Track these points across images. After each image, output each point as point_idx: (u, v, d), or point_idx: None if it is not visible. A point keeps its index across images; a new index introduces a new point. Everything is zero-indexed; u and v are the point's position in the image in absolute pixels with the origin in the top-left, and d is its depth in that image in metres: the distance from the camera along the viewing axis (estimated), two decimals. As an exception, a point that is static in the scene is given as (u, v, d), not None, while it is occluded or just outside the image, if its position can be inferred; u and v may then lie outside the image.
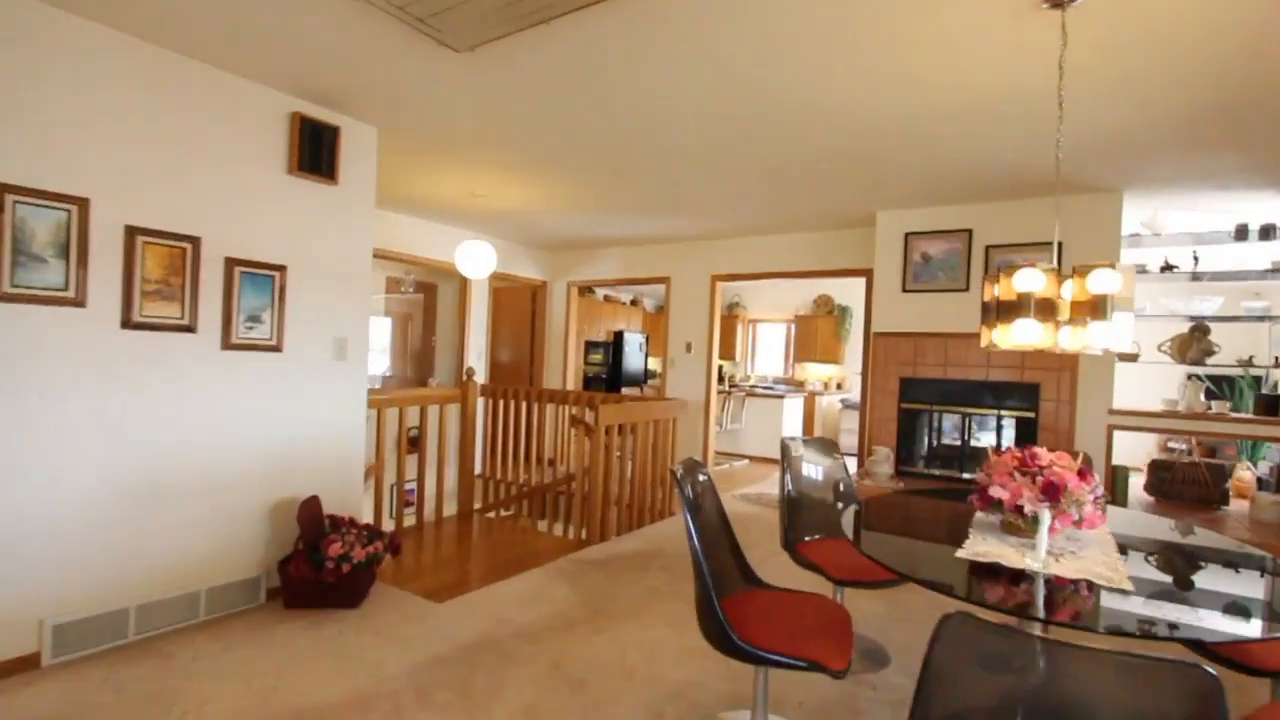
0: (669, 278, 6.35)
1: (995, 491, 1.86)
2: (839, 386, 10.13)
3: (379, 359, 8.95)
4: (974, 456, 4.45)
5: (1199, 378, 4.25)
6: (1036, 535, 1.75)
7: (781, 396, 7.80)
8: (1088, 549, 1.81)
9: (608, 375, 10.11)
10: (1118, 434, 4.00)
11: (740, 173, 3.97)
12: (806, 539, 2.85)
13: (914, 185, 4.09)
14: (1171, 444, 5.54)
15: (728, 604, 2.03)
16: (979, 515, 2.17)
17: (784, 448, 2.95)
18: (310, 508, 2.95)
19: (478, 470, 6.33)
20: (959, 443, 4.50)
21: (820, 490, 3.01)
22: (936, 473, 4.52)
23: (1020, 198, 4.19)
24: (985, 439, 4.42)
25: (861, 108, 2.92)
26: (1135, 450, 5.32)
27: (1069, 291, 1.97)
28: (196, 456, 2.74)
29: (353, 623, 2.80)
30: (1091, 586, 1.56)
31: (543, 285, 7.16)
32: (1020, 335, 2.03)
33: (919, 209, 4.58)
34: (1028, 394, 4.21)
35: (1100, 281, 1.87)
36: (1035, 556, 1.70)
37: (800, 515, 2.88)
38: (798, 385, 10.60)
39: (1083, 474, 1.80)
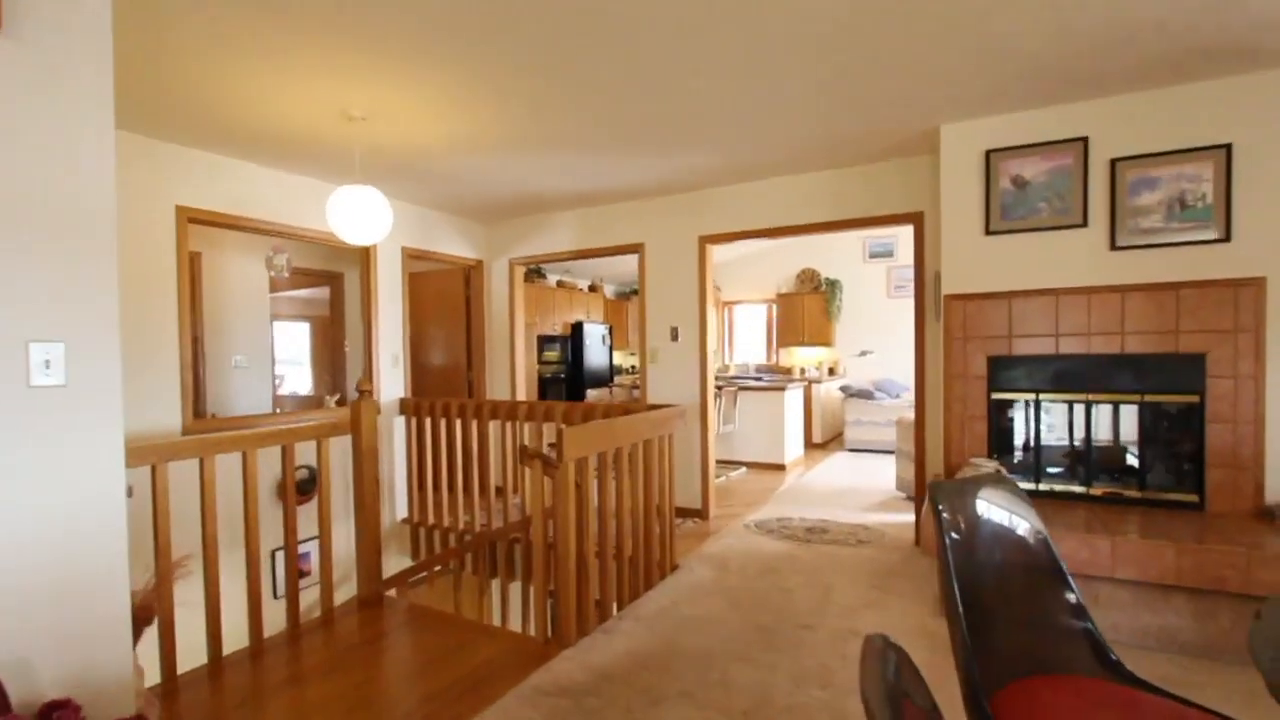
0: (642, 245, 4.86)
1: None
2: (831, 372, 8.86)
3: (297, 375, 7.16)
4: (1106, 461, 3.13)
5: None
6: None
7: (782, 389, 6.42)
8: None
9: (567, 375, 8.57)
10: (1328, 420, 2.73)
11: (736, 67, 2.53)
12: (1009, 680, 1.43)
13: (1000, 75, 2.72)
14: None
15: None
16: None
17: (935, 500, 1.52)
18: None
19: (401, 515, 4.73)
20: (1077, 442, 3.17)
21: (1015, 577, 1.59)
22: (1051, 488, 3.18)
23: (1167, 83, 2.87)
24: (1118, 435, 3.11)
25: None
26: None
27: None
28: None
29: None
30: None
31: (478, 266, 5.57)
32: None
33: (1005, 114, 3.21)
34: (1185, 369, 2.90)
35: None
36: None
37: (993, 635, 1.44)
38: (784, 373, 9.29)
39: None
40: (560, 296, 8.62)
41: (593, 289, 9.62)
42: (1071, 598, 1.55)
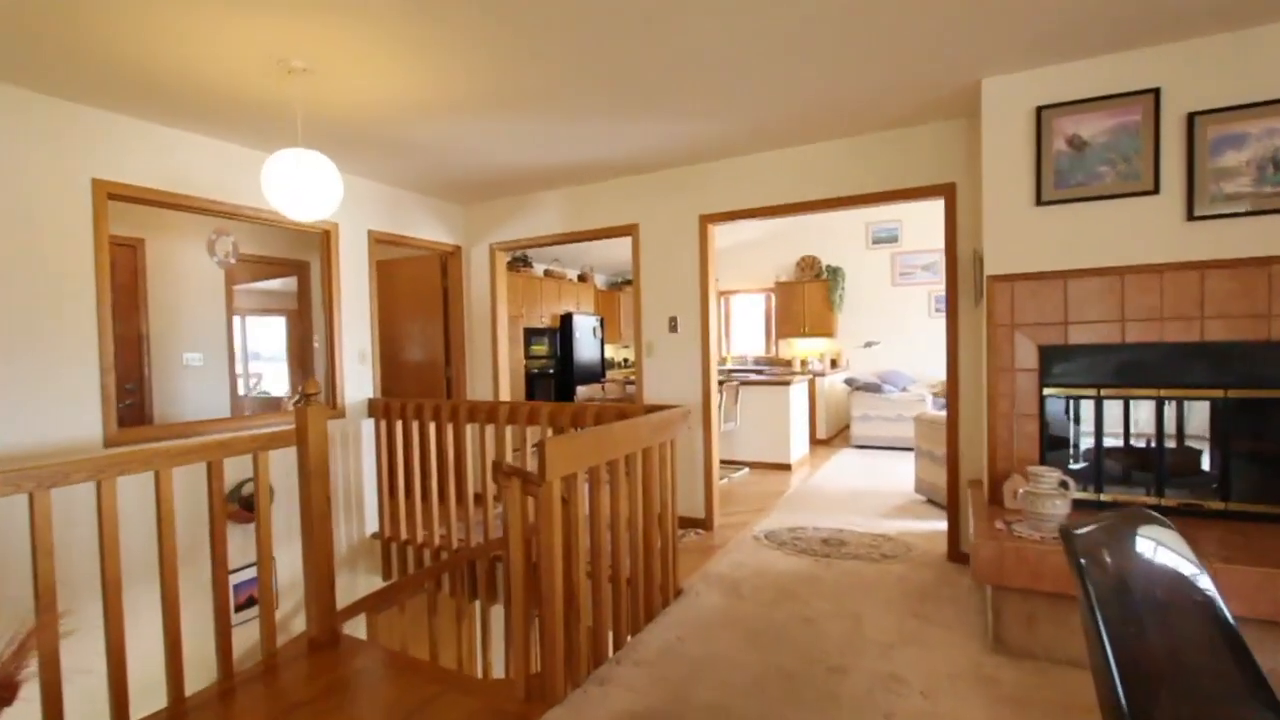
0: (636, 226, 4.39)
1: None
2: (833, 364, 8.43)
3: (277, 374, 6.52)
4: (1180, 467, 2.70)
5: None
6: None
7: (786, 383, 5.98)
8: None
9: (556, 370, 8.10)
10: None
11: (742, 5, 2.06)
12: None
13: (1055, 15, 2.27)
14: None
15: None
16: None
17: (1075, 552, 1.06)
18: None
19: (371, 530, 4.26)
20: (1145, 444, 2.74)
21: (1180, 639, 1.14)
22: (1114, 498, 2.75)
23: (1258, 21, 2.42)
24: (1189, 436, 2.68)
25: None
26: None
27: None
28: None
29: None
30: None
31: (455, 252, 5.08)
32: None
33: (1059, 64, 2.76)
34: (1277, 360, 2.47)
35: None
36: None
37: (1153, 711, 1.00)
38: (784, 365, 8.86)
39: None
40: (548, 286, 8.13)
41: (582, 279, 9.13)
42: (1252, 664, 1.11)
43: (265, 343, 6.33)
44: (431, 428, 3.93)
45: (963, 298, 3.39)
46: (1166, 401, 2.66)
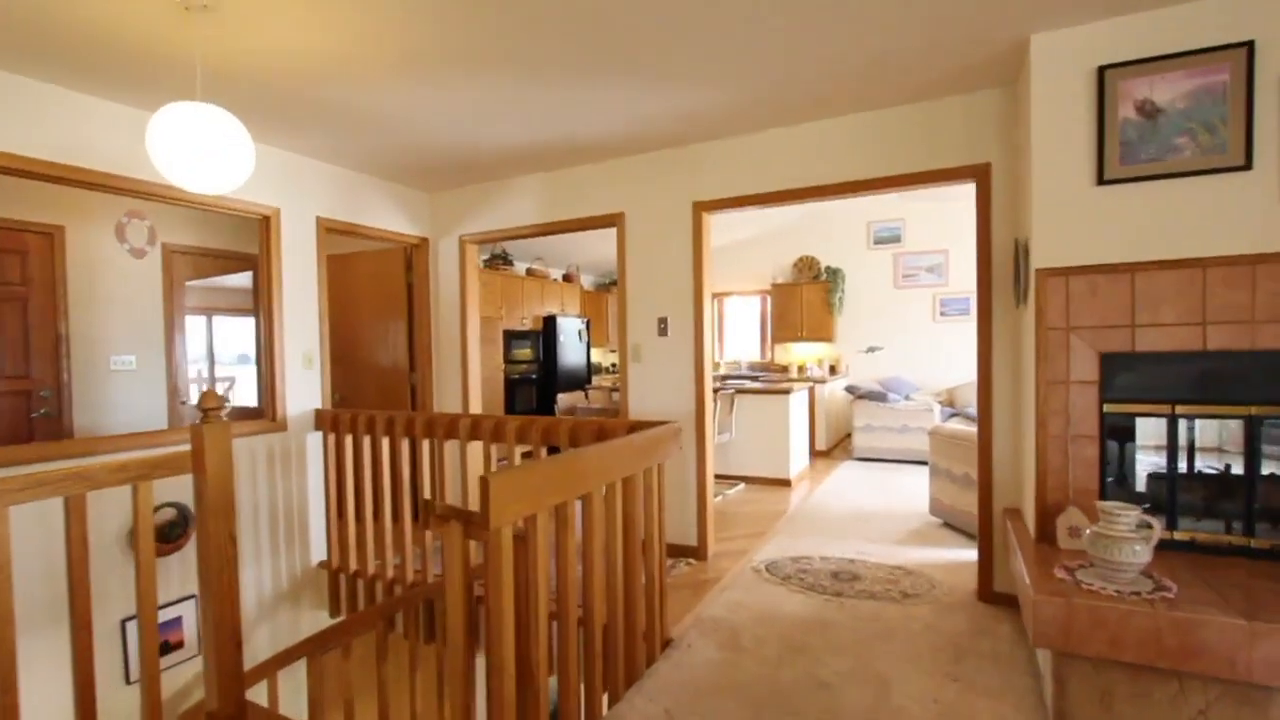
0: (621, 215, 3.90)
1: None
2: (833, 370, 7.98)
3: (242, 382, 5.87)
4: (1272, 500, 2.23)
5: None
6: None
7: (786, 392, 5.50)
8: None
9: (539, 376, 7.60)
10: None
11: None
12: None
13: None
14: None
15: None
16: None
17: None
18: None
19: (318, 558, 3.74)
20: (1230, 468, 2.28)
21: None
22: (1192, 536, 2.28)
23: (1383, -47, 1.97)
24: (1284, 465, 2.23)
25: None
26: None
27: None
28: None
29: None
30: None
31: (421, 245, 4.57)
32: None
33: (1127, 14, 2.30)
34: (1400, 371, 2.01)
35: None
36: None
37: None
38: (780, 371, 8.41)
39: None
40: (530, 286, 7.63)
41: (568, 278, 8.64)
42: None
43: (242, 345, 5.77)
44: (385, 443, 3.42)
45: (998, 297, 2.93)
46: (1262, 423, 2.20)
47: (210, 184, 2.10)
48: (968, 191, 3.11)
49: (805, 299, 8.22)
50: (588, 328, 8.56)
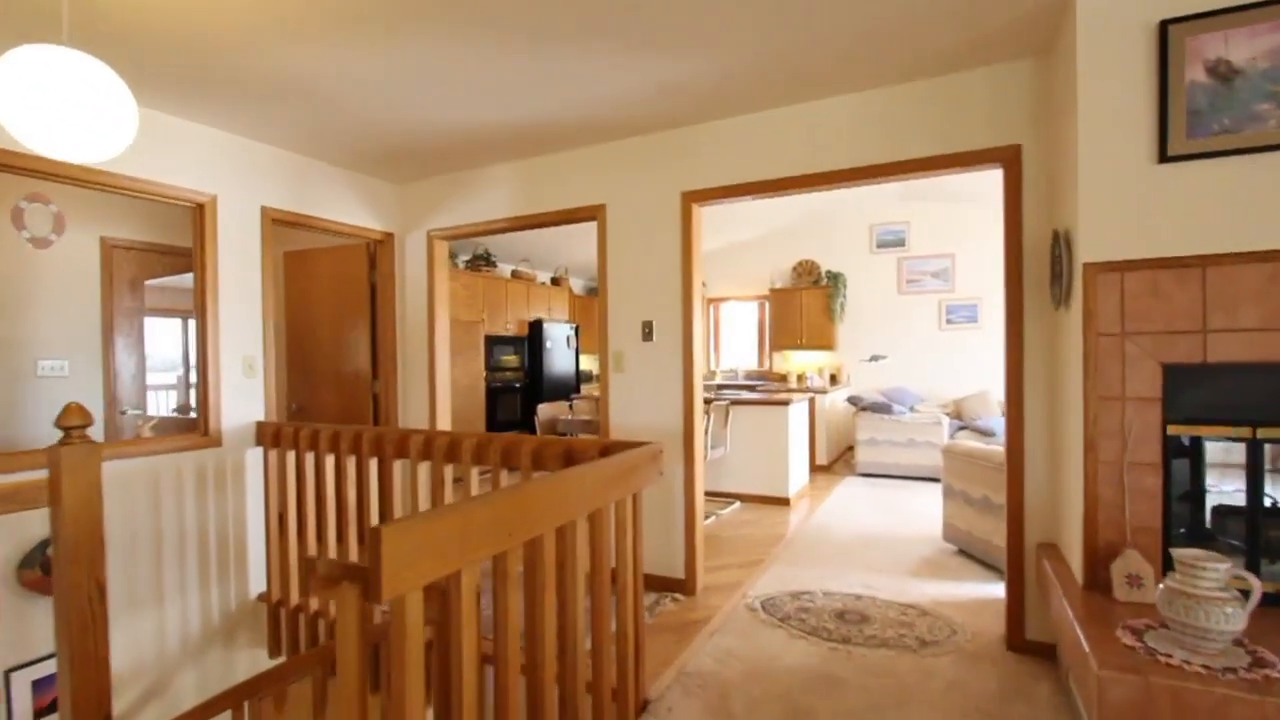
0: (602, 207, 3.51)
1: None
2: (833, 379, 7.59)
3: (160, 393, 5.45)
4: (1379, 548, 1.83)
5: None
6: None
7: (785, 403, 5.10)
8: None
9: (524, 384, 7.20)
10: None
11: None
12: None
13: None
14: None
15: None
16: None
17: None
18: None
19: (259, 590, 3.33)
20: (1320, 512, 1.88)
21: None
22: (1276, 588, 1.88)
23: None
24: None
25: None
26: None
27: None
28: None
29: None
30: None
31: (386, 240, 4.17)
32: None
33: (1196, -41, 1.92)
34: None
35: None
36: None
37: None
38: (778, 379, 8.02)
39: None
40: (515, 289, 7.23)
41: (556, 282, 8.24)
42: None
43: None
44: (329, 460, 3.01)
45: (1030, 298, 2.53)
46: (1365, 449, 1.80)
47: (75, 150, 1.70)
48: (975, 192, 2.76)
49: (805, 305, 7.85)
50: (576, 333, 8.16)
